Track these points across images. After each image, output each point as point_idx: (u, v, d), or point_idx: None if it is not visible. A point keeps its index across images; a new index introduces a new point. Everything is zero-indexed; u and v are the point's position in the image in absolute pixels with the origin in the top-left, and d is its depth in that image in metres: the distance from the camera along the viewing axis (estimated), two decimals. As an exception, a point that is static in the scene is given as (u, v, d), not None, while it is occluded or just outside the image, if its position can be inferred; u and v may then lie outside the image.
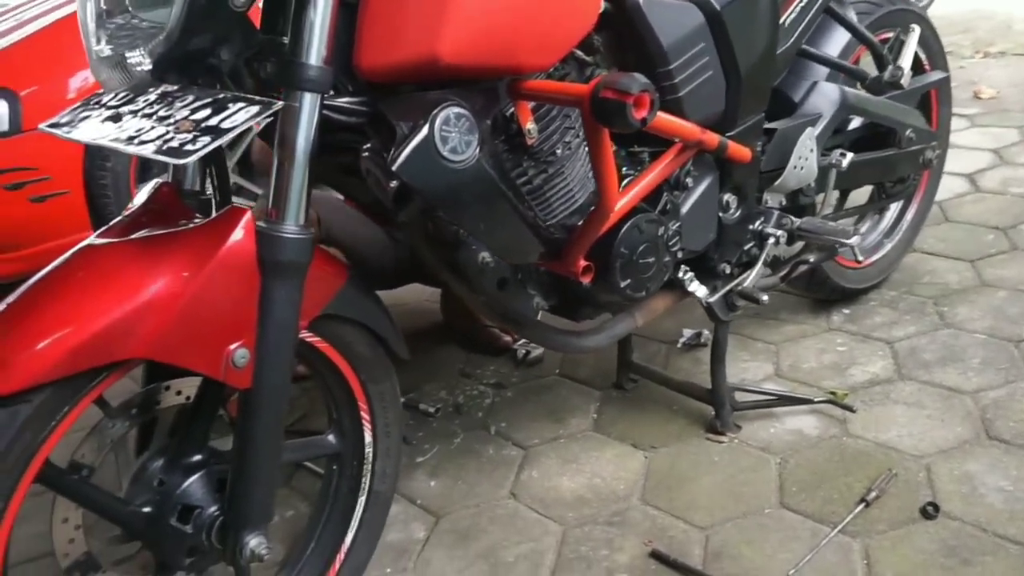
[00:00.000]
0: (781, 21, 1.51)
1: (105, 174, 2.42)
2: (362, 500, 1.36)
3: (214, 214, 1.08)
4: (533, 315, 1.43)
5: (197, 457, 1.13)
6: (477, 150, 1.08)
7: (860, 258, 1.67)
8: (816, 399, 1.72)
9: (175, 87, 1.03)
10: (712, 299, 1.54)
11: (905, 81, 1.80)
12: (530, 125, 1.21)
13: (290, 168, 1.00)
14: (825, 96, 1.70)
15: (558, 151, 1.26)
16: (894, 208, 2.17)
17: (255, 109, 0.94)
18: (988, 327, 1.95)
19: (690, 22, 1.35)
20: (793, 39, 1.56)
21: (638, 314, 1.57)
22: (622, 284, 1.35)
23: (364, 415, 1.32)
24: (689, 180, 1.44)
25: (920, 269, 2.25)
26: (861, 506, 1.46)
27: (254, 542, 1.09)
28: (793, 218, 1.60)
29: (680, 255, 1.47)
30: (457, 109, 1.05)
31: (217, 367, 1.01)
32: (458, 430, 1.85)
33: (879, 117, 1.81)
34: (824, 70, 1.73)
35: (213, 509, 1.11)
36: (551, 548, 1.49)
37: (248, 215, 1.01)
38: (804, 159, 1.60)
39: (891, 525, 1.43)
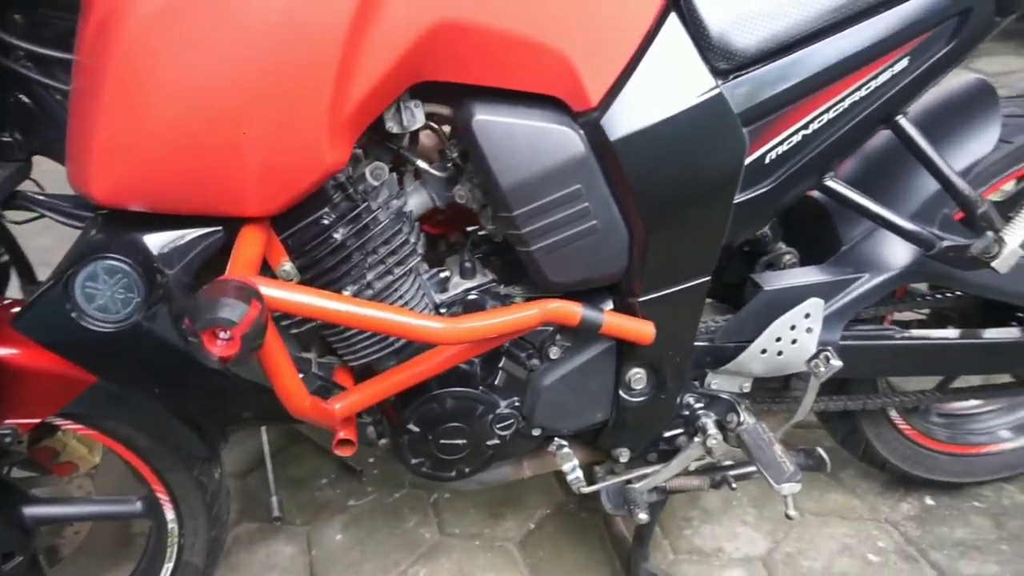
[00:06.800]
0: (753, 156, 1.00)
1: None
2: (169, 566, 1.34)
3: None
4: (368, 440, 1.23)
5: None
6: (140, 309, 0.90)
7: (792, 513, 1.13)
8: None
9: None
10: (589, 490, 1.18)
11: (1004, 262, 1.09)
12: (286, 266, 0.98)
13: None
14: (890, 248, 1.15)
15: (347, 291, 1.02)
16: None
17: None
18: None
19: (558, 155, 0.95)
20: (782, 179, 1.02)
21: (527, 464, 1.28)
22: (413, 461, 1.10)
23: (161, 496, 1.27)
24: (553, 351, 1.08)
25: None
26: None
27: None
28: (746, 414, 1.14)
29: (538, 433, 1.14)
30: (111, 263, 0.89)
31: None
32: (405, 483, 1.72)
33: (987, 291, 1.18)
34: (907, 201, 1.15)
35: None
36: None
37: None
38: (786, 341, 1.11)
39: None
